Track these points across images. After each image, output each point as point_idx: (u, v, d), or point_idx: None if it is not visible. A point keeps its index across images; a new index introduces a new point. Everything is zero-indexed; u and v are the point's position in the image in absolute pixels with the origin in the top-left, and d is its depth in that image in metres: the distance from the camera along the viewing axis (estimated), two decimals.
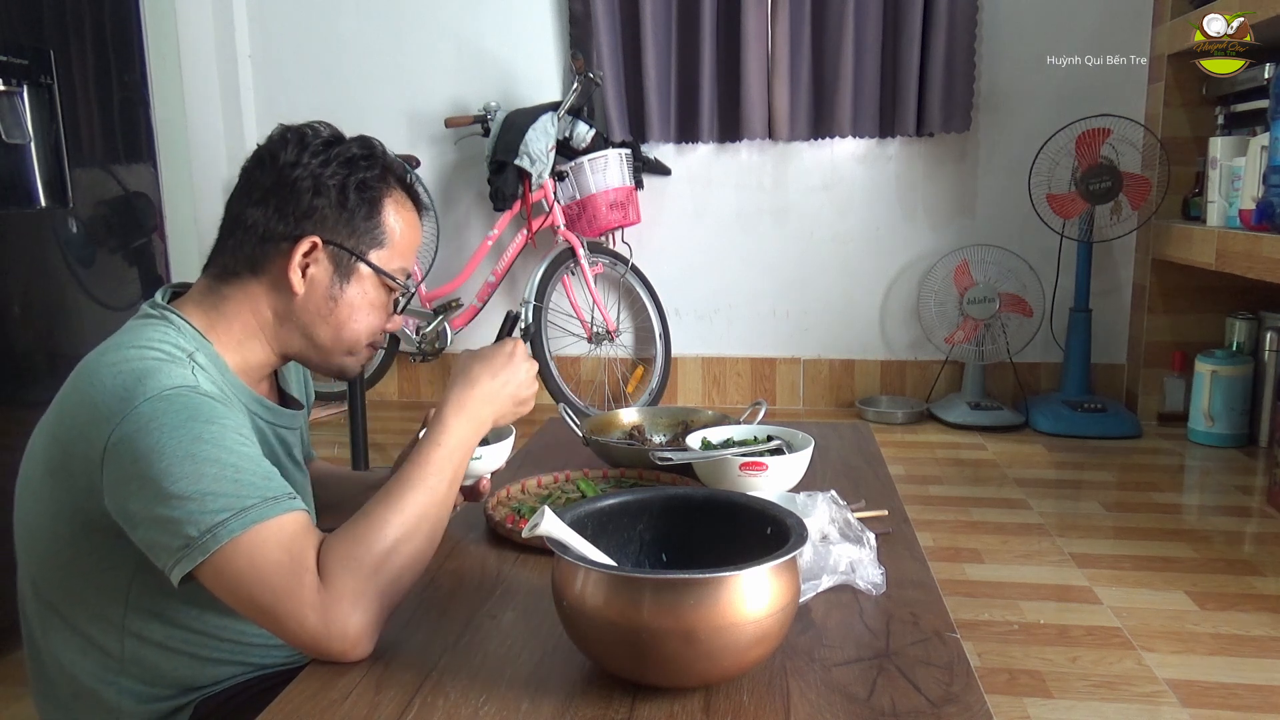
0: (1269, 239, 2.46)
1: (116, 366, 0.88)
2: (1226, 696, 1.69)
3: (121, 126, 2.38)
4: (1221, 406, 3.16)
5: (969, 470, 3.01)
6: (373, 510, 0.89)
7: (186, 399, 0.86)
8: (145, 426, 0.84)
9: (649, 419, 1.54)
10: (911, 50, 3.38)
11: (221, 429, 0.86)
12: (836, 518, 1.04)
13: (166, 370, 0.88)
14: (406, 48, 3.77)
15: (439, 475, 0.93)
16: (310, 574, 0.83)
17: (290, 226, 0.97)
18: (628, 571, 0.78)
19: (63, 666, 0.97)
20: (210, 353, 0.96)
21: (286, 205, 0.97)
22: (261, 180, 0.98)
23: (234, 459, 0.85)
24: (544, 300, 3.44)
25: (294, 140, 0.98)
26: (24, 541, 0.97)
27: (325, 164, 0.97)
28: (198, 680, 0.99)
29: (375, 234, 1.01)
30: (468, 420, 0.97)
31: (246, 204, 0.98)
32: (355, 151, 0.99)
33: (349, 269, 1.00)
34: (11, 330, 2.02)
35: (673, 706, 0.77)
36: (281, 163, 0.97)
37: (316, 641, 0.83)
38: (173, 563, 0.83)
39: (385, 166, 1.02)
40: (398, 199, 1.03)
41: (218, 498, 0.82)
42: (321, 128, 1.00)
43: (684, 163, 3.70)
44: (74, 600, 0.95)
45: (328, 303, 1.00)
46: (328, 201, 0.97)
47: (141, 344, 0.91)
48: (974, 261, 3.50)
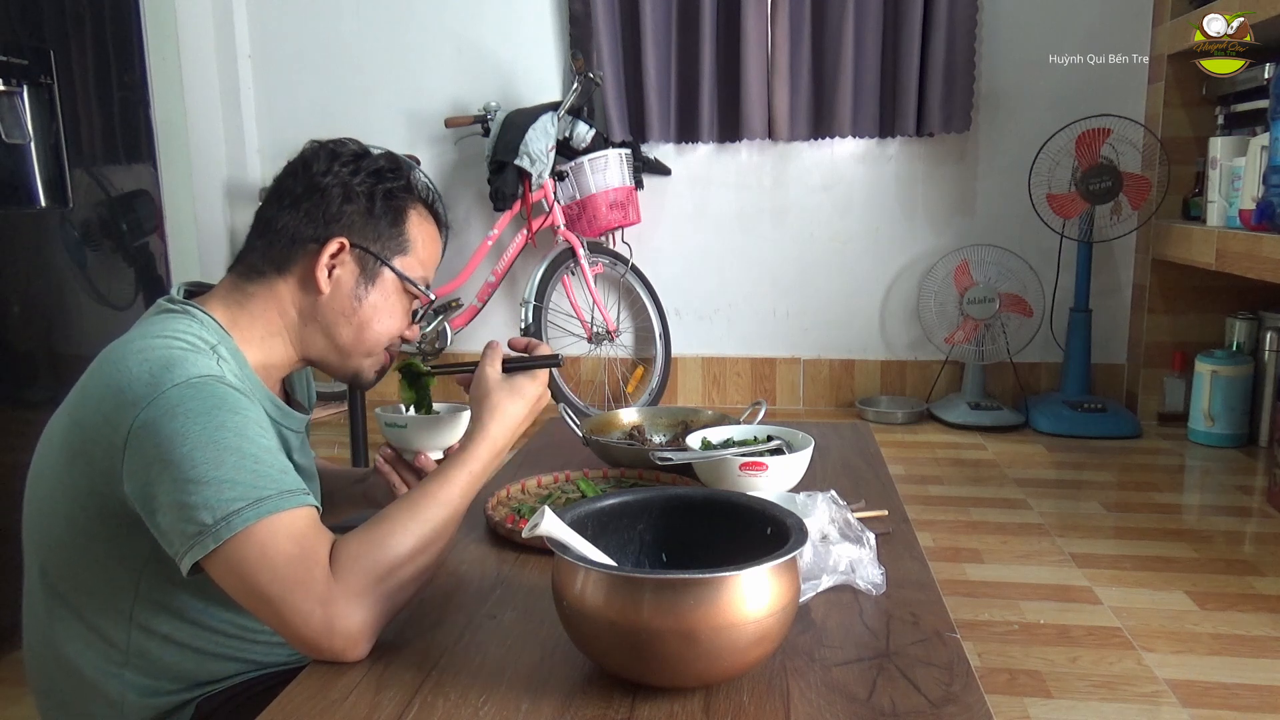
0: (1269, 239, 2.46)
1: (143, 354, 0.90)
2: (1226, 696, 1.69)
3: (121, 126, 2.38)
4: (1221, 406, 3.16)
5: (969, 470, 3.01)
6: (395, 516, 0.90)
7: (213, 388, 0.88)
8: (171, 411, 0.85)
9: (649, 419, 1.54)
10: (911, 50, 3.38)
11: (244, 420, 0.88)
12: (836, 518, 1.04)
13: (193, 360, 0.90)
14: (406, 48, 3.77)
15: (463, 498, 0.95)
16: (321, 568, 0.84)
17: (319, 228, 1.01)
18: (628, 571, 0.78)
19: (67, 659, 0.98)
20: (231, 347, 0.98)
21: (316, 209, 1.01)
22: (293, 188, 1.02)
23: (254, 450, 0.87)
24: (544, 300, 3.44)
25: (325, 152, 1.03)
26: (36, 530, 0.98)
27: (354, 173, 1.02)
28: (200, 676, 0.99)
29: (399, 241, 1.05)
30: (494, 453, 1.00)
31: (278, 209, 1.03)
32: (383, 164, 1.05)
33: (373, 272, 1.04)
34: (11, 330, 2.02)
35: (673, 706, 0.77)
36: (313, 171, 1.02)
37: (317, 637, 0.83)
38: (185, 549, 0.84)
39: (410, 181, 1.07)
40: (421, 212, 1.08)
41: (235, 486, 0.84)
42: (348, 142, 1.05)
43: (684, 163, 3.70)
44: (83, 589, 0.96)
45: (351, 303, 1.03)
46: (356, 208, 1.02)
47: (167, 334, 0.93)
48: (974, 261, 3.50)
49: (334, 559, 0.85)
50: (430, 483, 0.95)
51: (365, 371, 1.09)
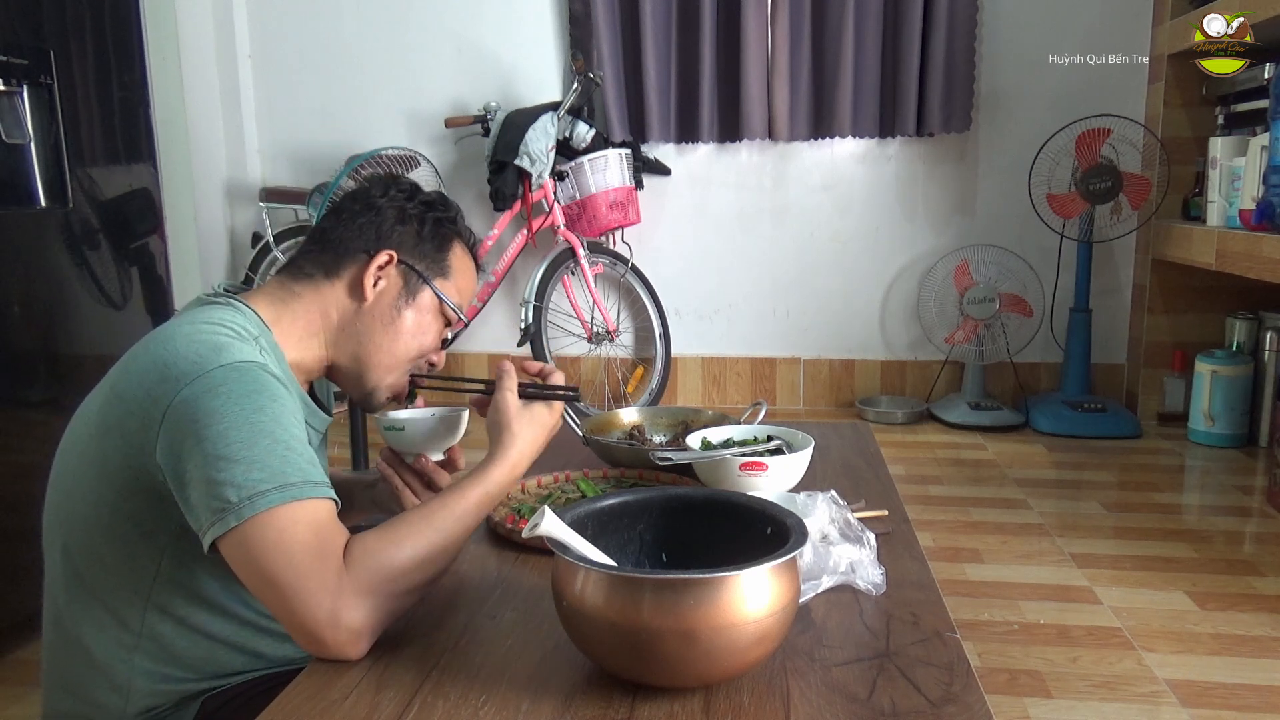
0: (1269, 239, 2.46)
1: (191, 337, 0.94)
2: (1226, 696, 1.69)
3: (121, 126, 2.37)
4: (1221, 406, 3.16)
5: (969, 470, 3.01)
6: (411, 522, 0.92)
7: (256, 374, 0.92)
8: (214, 389, 0.89)
9: (649, 419, 1.54)
10: (911, 50, 3.38)
11: (281, 408, 0.91)
12: (836, 518, 1.04)
13: (238, 346, 0.94)
14: (407, 48, 3.77)
15: (476, 515, 0.97)
16: (335, 560, 0.86)
17: (371, 241, 1.09)
18: (628, 571, 0.78)
19: (79, 639, 1.00)
20: (270, 341, 1.02)
21: (371, 225, 1.10)
22: (351, 207, 1.11)
23: (286, 437, 0.89)
24: (544, 300, 3.45)
25: (380, 184, 1.14)
26: (61, 508, 1.00)
27: (409, 199, 1.12)
28: (208, 666, 1.01)
29: (443, 266, 1.13)
30: (511, 478, 1.02)
31: (334, 224, 1.11)
32: (435, 198, 1.15)
33: (415, 289, 1.11)
34: (11, 330, 2.02)
35: (673, 706, 0.77)
36: (372, 195, 1.12)
37: (321, 628, 0.84)
38: (209, 523, 0.86)
39: (458, 219, 1.17)
40: (463, 248, 1.17)
41: (265, 468, 0.86)
42: (406, 180, 1.16)
43: (684, 163, 3.70)
44: (104, 566, 0.98)
45: (391, 313, 1.09)
46: (408, 229, 1.11)
47: (215, 321, 0.97)
48: (974, 261, 3.50)
49: (348, 554, 0.87)
50: (448, 495, 0.97)
51: (381, 391, 1.13)
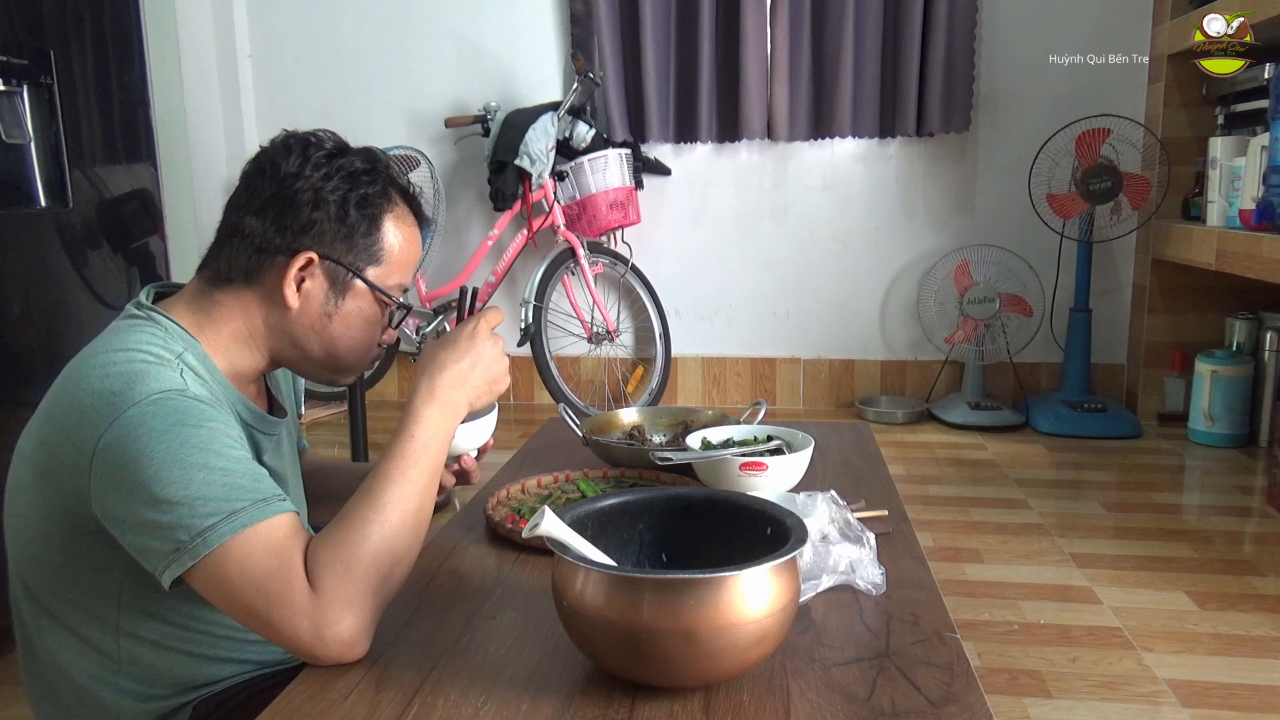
0: (1269, 239, 2.46)
1: (104, 370, 0.88)
2: (1226, 696, 1.69)
3: (121, 126, 2.37)
4: (1221, 406, 3.15)
5: (969, 470, 3.00)
6: (353, 510, 0.88)
7: (175, 403, 0.86)
8: (133, 431, 0.83)
9: (649, 419, 1.54)
10: (911, 50, 3.38)
11: (210, 432, 0.85)
12: (836, 518, 1.04)
13: (155, 373, 0.87)
14: (406, 48, 3.77)
15: (417, 468, 0.91)
16: (300, 579, 0.82)
17: (288, 240, 0.96)
18: (628, 571, 0.78)
19: (60, 667, 0.96)
20: (199, 353, 0.95)
21: (285, 217, 0.96)
22: (261, 189, 0.97)
23: (223, 462, 0.84)
24: (544, 300, 3.45)
25: (297, 149, 0.97)
26: (15, 544, 0.96)
27: (327, 178, 0.96)
28: (196, 679, 0.98)
29: (373, 250, 1.00)
30: (439, 408, 0.95)
31: (245, 212, 0.97)
32: (358, 165, 0.98)
33: (345, 285, 0.99)
34: (11, 330, 2.02)
35: (673, 706, 0.77)
36: (283, 173, 0.96)
37: (312, 648, 0.83)
38: (163, 567, 0.83)
39: (388, 181, 1.01)
40: (399, 214, 1.02)
41: (207, 502, 0.82)
42: (325, 137, 0.99)
43: (684, 163, 3.70)
44: (67, 602, 0.94)
45: (322, 318, 0.99)
46: (327, 216, 0.96)
47: (130, 347, 0.90)
48: (974, 261, 3.50)
49: (309, 570, 0.83)
50: (381, 462, 0.91)
51: (340, 380, 1.06)
